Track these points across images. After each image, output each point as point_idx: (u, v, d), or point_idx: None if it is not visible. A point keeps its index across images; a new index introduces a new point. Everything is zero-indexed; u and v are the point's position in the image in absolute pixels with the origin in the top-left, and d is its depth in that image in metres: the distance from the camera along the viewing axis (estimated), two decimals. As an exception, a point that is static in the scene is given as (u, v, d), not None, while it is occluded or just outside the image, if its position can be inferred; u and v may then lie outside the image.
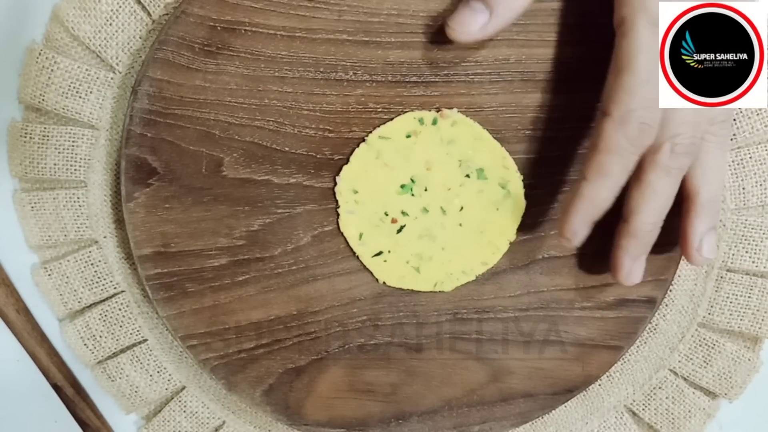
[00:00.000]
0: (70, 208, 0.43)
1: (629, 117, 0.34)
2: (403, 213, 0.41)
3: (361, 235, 0.41)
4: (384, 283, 0.41)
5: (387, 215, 0.41)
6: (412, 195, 0.40)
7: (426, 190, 0.40)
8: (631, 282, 0.39)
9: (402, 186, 0.40)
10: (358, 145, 0.40)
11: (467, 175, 0.40)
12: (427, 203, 0.41)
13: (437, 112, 0.40)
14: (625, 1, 0.35)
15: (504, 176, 0.40)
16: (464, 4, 0.37)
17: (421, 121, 0.40)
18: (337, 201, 0.41)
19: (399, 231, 0.41)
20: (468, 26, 0.37)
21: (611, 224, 0.41)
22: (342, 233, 0.41)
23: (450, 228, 0.41)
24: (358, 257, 0.41)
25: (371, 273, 0.41)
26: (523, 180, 0.41)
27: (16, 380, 0.46)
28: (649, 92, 0.34)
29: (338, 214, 0.41)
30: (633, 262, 0.38)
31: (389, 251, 0.41)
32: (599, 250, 0.41)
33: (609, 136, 0.35)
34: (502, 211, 0.41)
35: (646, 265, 0.41)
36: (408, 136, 0.40)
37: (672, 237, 0.41)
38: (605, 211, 0.37)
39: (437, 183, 0.40)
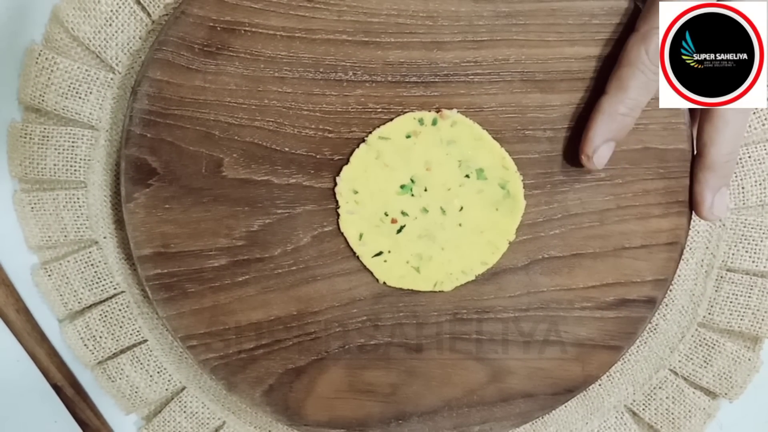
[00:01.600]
0: (70, 209, 0.43)
1: (652, 33, 0.35)
2: (403, 213, 0.41)
3: (361, 236, 0.41)
4: (384, 283, 0.41)
5: (387, 215, 0.41)
6: (412, 195, 0.40)
7: (426, 190, 0.40)
8: (714, 216, 0.39)
9: (402, 186, 0.40)
10: (357, 146, 0.40)
11: (467, 176, 0.40)
12: (427, 203, 0.41)
13: (437, 112, 0.40)
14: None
15: (504, 176, 0.40)
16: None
17: (421, 121, 0.40)
18: (337, 201, 0.41)
19: (399, 231, 0.41)
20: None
21: (609, 223, 0.41)
22: (342, 233, 0.41)
23: (450, 228, 0.41)
24: (358, 257, 0.41)
25: (371, 273, 0.41)
26: (522, 180, 0.41)
27: (16, 380, 0.46)
28: None
29: (338, 215, 0.41)
30: (713, 194, 0.39)
31: (389, 251, 0.41)
32: (599, 251, 0.41)
33: (630, 49, 0.36)
34: (502, 211, 0.41)
35: (646, 265, 0.41)
36: (408, 137, 0.40)
37: (671, 235, 0.41)
38: (626, 131, 0.38)
39: (437, 183, 0.40)
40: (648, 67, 0.36)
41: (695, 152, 0.39)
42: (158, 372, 0.45)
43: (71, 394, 0.46)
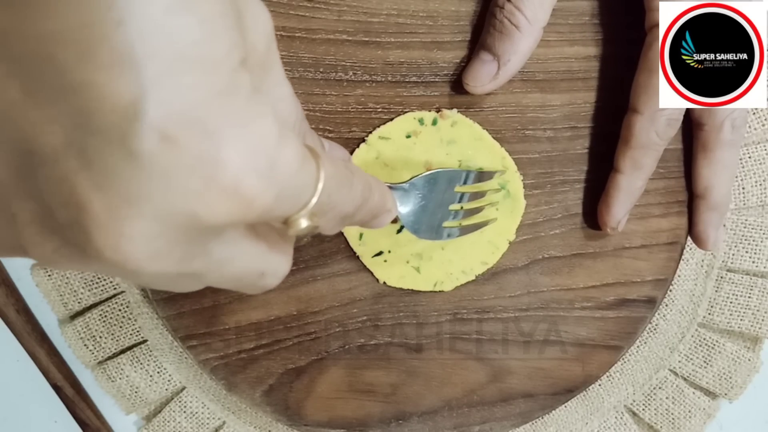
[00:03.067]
0: (70, 209, 0.43)
1: (659, 115, 0.37)
2: None
3: (361, 236, 0.41)
4: (384, 283, 0.41)
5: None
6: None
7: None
8: (716, 249, 0.42)
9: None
10: (358, 146, 0.40)
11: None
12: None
13: (437, 112, 0.40)
14: (656, 5, 0.36)
15: (503, 176, 0.40)
16: (474, 57, 0.39)
17: (421, 121, 0.40)
18: None
19: (399, 231, 0.41)
20: (480, 78, 0.39)
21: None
22: (342, 233, 0.41)
23: None
24: (358, 257, 0.41)
25: (371, 273, 0.41)
26: (522, 180, 0.41)
27: (16, 380, 0.46)
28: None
29: None
30: (716, 231, 0.41)
31: (389, 251, 0.41)
32: (599, 251, 0.41)
33: (640, 132, 0.37)
34: (502, 210, 0.41)
35: (646, 265, 0.41)
36: (408, 137, 0.40)
37: (671, 235, 0.41)
38: (640, 196, 0.40)
39: None
40: (659, 145, 0.38)
41: (695, 193, 0.40)
42: (158, 372, 0.45)
43: (71, 394, 0.46)
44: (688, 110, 0.39)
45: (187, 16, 0.19)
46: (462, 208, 0.39)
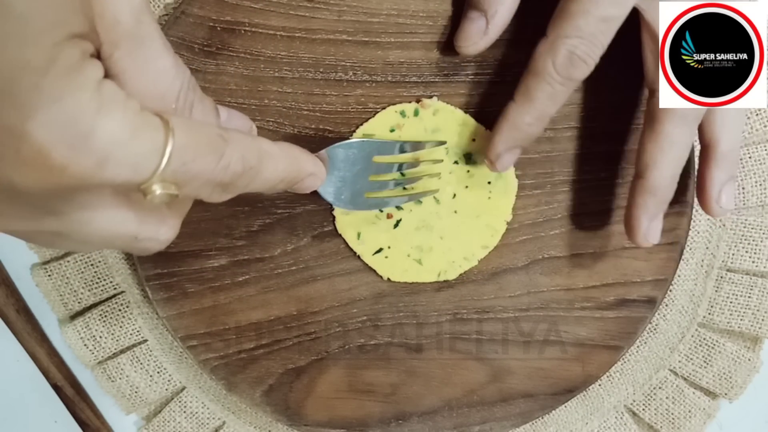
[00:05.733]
0: (70, 209, 0.43)
1: (560, 43, 0.34)
2: (398, 207, 0.41)
3: (359, 235, 0.41)
4: (389, 279, 0.41)
5: (382, 211, 0.41)
6: (404, 188, 0.40)
7: (404, 188, 0.40)
8: (648, 242, 0.37)
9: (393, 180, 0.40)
10: None
11: (456, 162, 0.40)
12: (417, 196, 0.40)
13: (417, 102, 0.40)
14: None
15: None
16: (462, 18, 0.37)
17: (402, 113, 0.40)
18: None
19: (396, 226, 0.41)
20: (471, 36, 0.37)
21: (610, 223, 0.41)
22: (339, 234, 0.41)
23: (446, 216, 0.41)
24: (358, 257, 0.41)
25: (374, 272, 0.41)
26: (522, 180, 0.41)
27: (16, 380, 0.46)
28: (587, 24, 0.33)
29: (334, 217, 0.41)
30: (651, 220, 0.37)
31: (389, 247, 0.41)
32: (599, 251, 0.41)
33: (538, 58, 0.34)
34: (495, 192, 0.41)
35: (646, 265, 0.41)
36: (392, 130, 0.40)
37: (671, 235, 0.41)
38: (531, 139, 0.37)
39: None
40: (554, 78, 0.34)
41: (636, 170, 0.37)
42: (158, 372, 0.45)
43: (71, 394, 0.46)
44: (643, 76, 0.36)
45: None
46: (395, 179, 0.39)
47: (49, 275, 0.44)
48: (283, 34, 0.40)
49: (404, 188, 0.40)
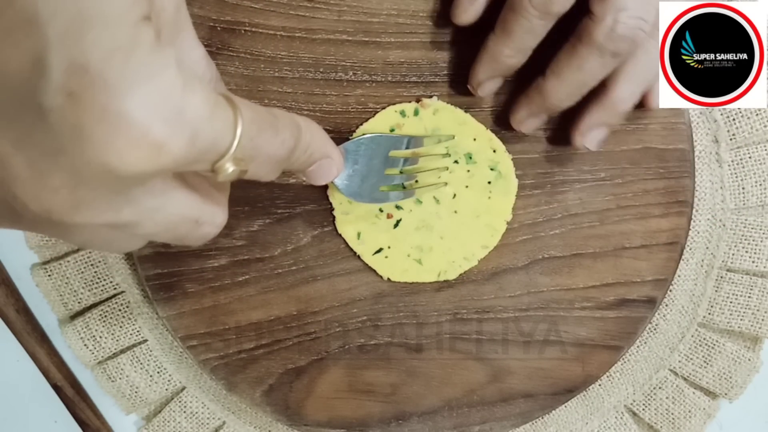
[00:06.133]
0: (70, 209, 0.43)
1: None
2: (398, 207, 0.41)
3: (359, 235, 0.41)
4: (389, 279, 0.41)
5: (382, 211, 0.41)
6: (404, 188, 0.40)
7: (416, 181, 0.40)
8: (519, 128, 0.39)
9: (401, 172, 0.40)
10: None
11: (456, 162, 0.40)
12: (420, 194, 0.40)
13: (417, 102, 0.40)
14: None
15: (493, 158, 0.40)
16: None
17: (402, 113, 0.40)
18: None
19: (396, 226, 0.41)
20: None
21: (610, 223, 0.41)
22: (340, 234, 0.41)
23: (445, 216, 0.41)
24: (358, 257, 0.41)
25: (374, 272, 0.41)
26: (522, 180, 0.41)
27: (16, 380, 0.46)
28: None
29: (334, 217, 0.41)
30: (529, 115, 0.38)
31: (389, 247, 0.41)
32: (599, 251, 0.41)
33: None
34: (495, 192, 0.41)
35: (647, 265, 0.41)
36: (392, 130, 0.40)
37: (671, 235, 0.41)
38: (512, 69, 0.37)
39: (427, 173, 0.40)
40: (531, 14, 0.34)
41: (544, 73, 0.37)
42: (158, 372, 0.45)
43: (71, 394, 0.46)
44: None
45: None
46: (401, 172, 0.39)
47: (49, 275, 0.44)
48: (283, 34, 0.40)
49: (404, 186, 0.40)
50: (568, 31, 0.35)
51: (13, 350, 0.45)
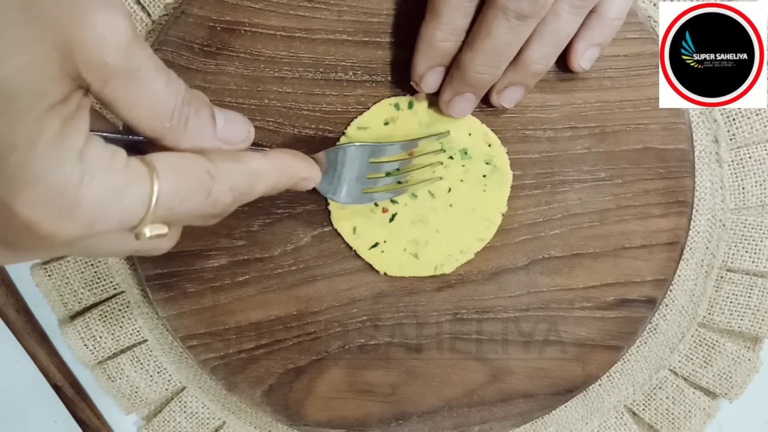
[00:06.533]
0: (69, 209, 0.43)
1: None
2: (393, 201, 0.41)
3: (354, 229, 0.41)
4: (385, 273, 0.41)
5: (377, 205, 0.41)
6: (399, 182, 0.40)
7: (407, 181, 0.40)
8: (448, 112, 0.39)
9: (387, 174, 0.40)
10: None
11: (451, 157, 0.40)
12: (414, 188, 0.40)
13: (412, 95, 0.40)
14: None
15: (488, 152, 0.40)
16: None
17: (397, 106, 0.40)
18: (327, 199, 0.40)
19: (391, 220, 0.41)
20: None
21: (610, 223, 0.41)
22: (335, 229, 0.41)
23: (441, 210, 0.41)
24: (359, 257, 0.41)
25: (376, 271, 0.41)
26: (522, 180, 0.41)
27: (16, 380, 0.46)
28: None
29: (329, 212, 0.41)
30: (453, 94, 0.38)
31: (385, 241, 0.41)
32: (599, 251, 0.41)
33: None
34: (491, 185, 0.41)
35: (647, 265, 0.41)
36: (386, 123, 0.40)
37: (671, 235, 0.41)
38: (450, 55, 0.37)
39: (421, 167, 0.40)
40: None
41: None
42: (158, 372, 0.45)
43: (71, 394, 0.46)
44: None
45: None
46: (387, 174, 0.39)
47: (49, 275, 0.44)
48: (283, 34, 0.40)
49: (399, 182, 0.40)
50: None
51: (13, 350, 0.45)
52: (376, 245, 0.41)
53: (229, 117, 0.32)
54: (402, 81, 0.40)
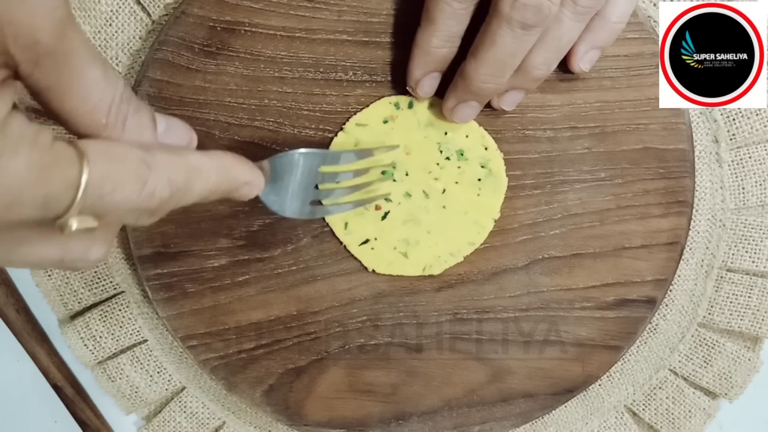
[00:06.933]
0: (69, 209, 0.43)
1: None
2: (387, 199, 0.41)
3: (346, 225, 0.41)
4: (373, 270, 0.41)
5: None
6: (394, 180, 0.40)
7: (407, 174, 0.40)
8: (452, 118, 0.39)
9: (383, 172, 0.40)
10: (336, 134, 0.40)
11: (447, 158, 0.40)
12: (410, 188, 0.40)
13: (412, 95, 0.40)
14: None
15: (484, 155, 0.40)
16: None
17: (397, 105, 0.40)
18: None
19: (383, 218, 0.41)
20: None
21: (610, 223, 0.41)
22: (328, 224, 0.41)
23: (434, 211, 0.41)
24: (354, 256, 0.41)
25: (374, 270, 0.41)
26: (522, 180, 0.41)
27: (16, 380, 0.46)
28: None
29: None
30: (457, 102, 0.38)
31: (375, 238, 0.41)
32: (599, 251, 0.41)
33: None
34: (485, 189, 0.41)
35: (646, 265, 0.41)
36: (385, 122, 0.40)
37: (671, 235, 0.41)
38: (445, 61, 0.37)
39: (418, 167, 0.40)
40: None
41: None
42: (158, 372, 0.45)
43: (71, 394, 0.46)
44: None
45: None
46: (342, 187, 0.38)
47: (49, 275, 0.44)
48: (283, 34, 0.40)
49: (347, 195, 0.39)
50: None
51: (13, 350, 0.45)
52: (366, 242, 0.41)
53: (170, 122, 0.30)
54: (402, 81, 0.40)
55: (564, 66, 0.39)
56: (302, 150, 0.34)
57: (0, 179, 0.21)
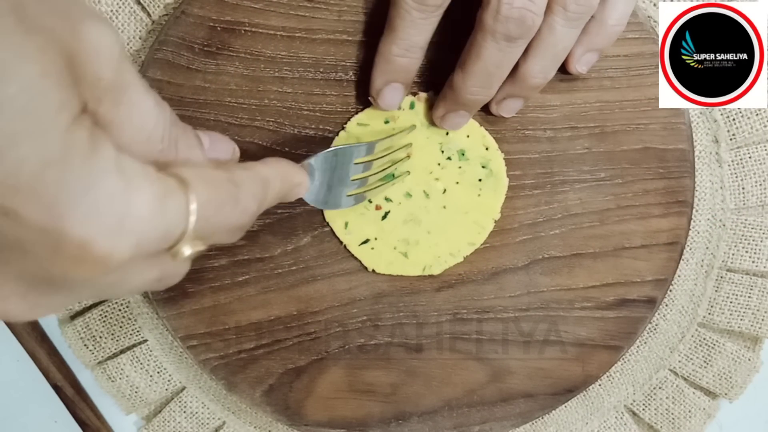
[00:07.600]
0: (70, 209, 0.43)
1: None
2: (387, 199, 0.41)
3: (346, 224, 0.41)
4: (373, 270, 0.41)
5: (371, 202, 0.41)
6: (393, 177, 0.40)
7: (408, 174, 0.40)
8: (442, 126, 0.39)
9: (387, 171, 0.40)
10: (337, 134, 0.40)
11: (449, 158, 0.40)
12: (410, 188, 0.40)
13: (413, 95, 0.40)
14: None
15: (485, 156, 0.40)
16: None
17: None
18: None
19: (384, 217, 0.41)
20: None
21: (610, 223, 0.41)
22: (329, 224, 0.41)
23: (434, 211, 0.41)
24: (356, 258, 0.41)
25: (374, 270, 0.41)
26: (522, 179, 0.41)
27: (16, 380, 0.46)
28: None
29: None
30: (447, 111, 0.38)
31: (376, 238, 0.41)
32: (599, 251, 0.41)
33: None
34: (485, 190, 0.41)
35: (646, 265, 0.41)
36: (386, 122, 0.40)
37: (671, 235, 0.41)
38: (406, 71, 0.37)
39: (419, 167, 0.40)
40: (411, 7, 0.34)
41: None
42: (158, 372, 0.45)
43: (71, 394, 0.46)
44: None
45: (8, 86, 0.19)
46: (368, 176, 0.39)
47: (49, 275, 0.44)
48: (283, 34, 0.40)
49: (393, 176, 0.40)
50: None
51: (13, 350, 0.45)
52: (366, 242, 0.41)
53: (212, 137, 0.31)
54: (402, 81, 0.40)
55: (561, 65, 0.39)
56: (337, 147, 0.37)
57: (132, 216, 0.21)
